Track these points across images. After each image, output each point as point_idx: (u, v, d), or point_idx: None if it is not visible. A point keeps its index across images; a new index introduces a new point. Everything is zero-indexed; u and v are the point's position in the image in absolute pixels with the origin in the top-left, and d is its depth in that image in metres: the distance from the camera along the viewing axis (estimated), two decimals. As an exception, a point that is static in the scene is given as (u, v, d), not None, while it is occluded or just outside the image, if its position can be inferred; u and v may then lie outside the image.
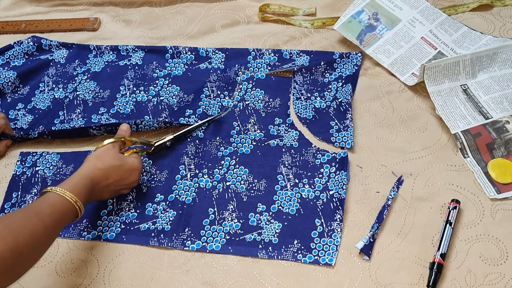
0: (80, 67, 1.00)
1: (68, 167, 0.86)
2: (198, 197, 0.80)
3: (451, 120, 0.83)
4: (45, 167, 0.87)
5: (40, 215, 0.63)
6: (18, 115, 0.94)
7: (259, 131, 0.87)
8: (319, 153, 0.83)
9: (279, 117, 0.89)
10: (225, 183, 0.82)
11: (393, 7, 0.98)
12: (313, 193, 0.79)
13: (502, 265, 0.69)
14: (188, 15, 1.08)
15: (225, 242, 0.75)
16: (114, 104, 0.93)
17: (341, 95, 0.89)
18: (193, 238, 0.76)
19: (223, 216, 0.78)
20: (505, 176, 0.77)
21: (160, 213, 0.79)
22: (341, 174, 0.78)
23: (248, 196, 0.80)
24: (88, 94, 0.95)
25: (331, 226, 0.75)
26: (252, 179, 0.81)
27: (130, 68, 0.98)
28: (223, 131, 0.88)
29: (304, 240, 0.74)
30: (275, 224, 0.76)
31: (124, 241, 0.77)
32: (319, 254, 0.72)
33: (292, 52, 0.97)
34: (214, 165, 0.84)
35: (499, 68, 0.87)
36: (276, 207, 0.78)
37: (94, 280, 0.74)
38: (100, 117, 0.91)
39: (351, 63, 0.94)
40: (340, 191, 0.77)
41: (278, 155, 0.84)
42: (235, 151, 0.85)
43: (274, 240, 0.75)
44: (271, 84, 0.93)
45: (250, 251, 0.74)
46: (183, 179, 0.83)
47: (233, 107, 0.91)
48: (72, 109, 0.94)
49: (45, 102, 0.95)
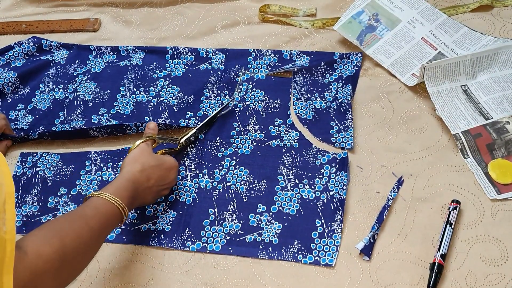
0: (80, 68, 1.00)
1: (69, 167, 0.86)
2: (198, 198, 0.80)
3: (452, 120, 0.83)
4: (46, 168, 0.87)
5: (85, 218, 0.62)
6: (18, 116, 0.94)
7: (259, 131, 0.87)
8: (320, 153, 0.83)
9: (279, 117, 0.89)
10: (225, 183, 0.81)
11: (393, 8, 0.98)
12: (313, 193, 0.79)
13: (503, 266, 0.69)
14: (188, 15, 1.08)
15: (225, 243, 0.75)
16: (114, 105, 0.93)
17: (341, 95, 0.89)
18: (193, 238, 0.76)
19: (223, 216, 0.78)
20: (505, 176, 0.77)
21: (160, 213, 0.79)
22: (341, 175, 0.78)
23: (249, 197, 0.80)
24: (88, 95, 0.95)
25: (332, 226, 0.75)
26: (253, 180, 0.81)
27: (130, 68, 0.98)
28: (223, 132, 0.88)
29: (304, 241, 0.74)
30: (276, 224, 0.76)
31: (124, 241, 0.77)
32: (319, 254, 0.72)
33: (293, 52, 0.97)
34: (214, 166, 0.84)
35: (499, 68, 0.87)
36: (277, 207, 0.78)
37: (94, 280, 0.74)
38: (100, 118, 0.91)
39: (351, 64, 0.94)
40: (341, 191, 0.77)
41: (278, 155, 0.84)
42: (236, 152, 0.85)
43: (274, 240, 0.75)
44: (271, 85, 0.93)
45: (251, 252, 0.74)
46: (183, 179, 0.83)
47: (234, 107, 0.91)
48: (72, 109, 0.94)
49: (45, 102, 0.95)
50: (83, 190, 0.84)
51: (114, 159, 0.86)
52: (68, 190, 0.84)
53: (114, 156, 0.87)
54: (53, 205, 0.82)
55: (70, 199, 0.83)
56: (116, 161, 0.86)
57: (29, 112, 0.94)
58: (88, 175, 0.85)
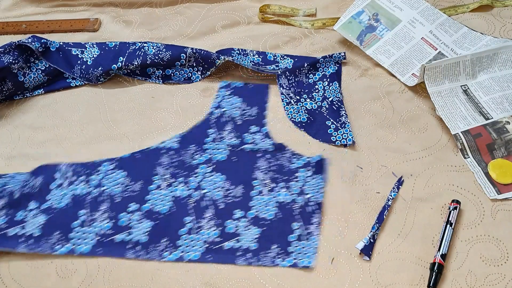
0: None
1: (38, 178, 0.82)
2: (174, 207, 0.79)
3: (452, 120, 0.83)
4: (13, 180, 0.83)
5: None
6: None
7: (234, 138, 0.86)
8: (294, 157, 0.83)
9: (255, 125, 0.88)
10: (201, 191, 0.80)
11: (393, 8, 0.98)
12: (290, 197, 0.78)
13: (503, 266, 0.69)
14: (188, 15, 1.08)
15: (203, 251, 0.74)
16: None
17: (330, 94, 0.89)
18: (171, 248, 0.75)
19: (200, 224, 0.77)
20: (505, 176, 0.77)
21: (135, 223, 0.77)
22: (317, 178, 0.79)
23: (225, 203, 0.79)
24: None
25: (309, 229, 0.75)
26: (229, 186, 0.81)
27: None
28: (197, 139, 0.86)
29: (282, 244, 0.74)
30: (253, 229, 0.76)
31: (99, 254, 0.75)
32: (298, 257, 0.72)
33: (277, 55, 0.97)
34: (189, 174, 0.82)
35: (499, 68, 0.87)
36: (254, 212, 0.78)
37: (94, 280, 0.74)
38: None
39: (333, 62, 0.94)
40: (317, 195, 0.77)
41: (253, 160, 0.83)
42: (210, 158, 0.84)
43: (252, 246, 0.74)
44: (249, 92, 0.93)
45: (229, 259, 0.73)
46: (158, 189, 0.81)
47: (210, 114, 0.90)
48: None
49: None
50: (54, 204, 0.80)
51: (86, 172, 0.84)
52: (38, 203, 0.80)
53: (86, 169, 0.84)
54: (21, 218, 0.79)
55: (40, 211, 0.80)
56: (89, 174, 0.83)
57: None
58: (60, 189, 0.82)
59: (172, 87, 0.96)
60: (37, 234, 0.77)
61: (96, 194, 0.81)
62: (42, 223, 0.78)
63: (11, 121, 0.94)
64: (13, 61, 0.94)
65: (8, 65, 0.94)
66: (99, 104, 0.95)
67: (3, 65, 0.93)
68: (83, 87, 0.98)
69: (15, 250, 0.76)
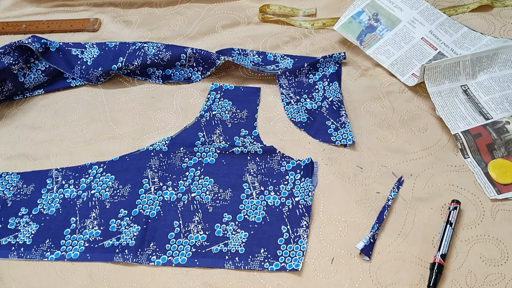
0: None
1: (29, 187, 0.84)
2: (162, 211, 0.79)
3: (452, 120, 0.83)
4: (5, 188, 0.84)
5: None
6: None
7: (224, 142, 0.86)
8: (284, 160, 0.82)
9: (245, 128, 0.88)
10: (190, 194, 0.80)
11: (393, 8, 0.98)
12: (278, 200, 0.78)
13: (503, 266, 0.69)
14: (188, 15, 1.08)
15: (191, 255, 0.74)
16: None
17: (330, 94, 0.89)
18: (158, 252, 0.75)
19: (188, 228, 0.77)
20: (505, 176, 0.77)
21: (124, 228, 0.77)
22: (306, 181, 0.79)
23: (214, 207, 0.78)
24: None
25: (297, 232, 0.74)
26: (218, 189, 0.80)
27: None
28: (187, 142, 0.86)
29: (270, 248, 0.74)
30: (242, 233, 0.76)
31: (89, 259, 0.75)
32: (285, 260, 0.72)
33: (277, 55, 0.97)
34: (178, 177, 0.82)
35: (499, 68, 0.87)
36: (242, 216, 0.77)
37: (94, 280, 0.74)
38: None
39: (333, 62, 0.94)
40: (306, 198, 0.77)
41: (243, 163, 0.83)
42: (200, 162, 0.83)
43: (240, 250, 0.74)
44: (239, 95, 0.93)
45: (216, 263, 0.73)
46: (146, 193, 0.81)
47: (199, 117, 0.90)
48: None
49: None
50: (45, 209, 0.81)
51: (76, 175, 0.84)
52: (29, 210, 0.81)
53: (75, 173, 0.84)
54: (14, 226, 0.79)
55: (32, 219, 0.80)
56: (78, 178, 0.84)
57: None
58: (49, 193, 0.83)
59: (172, 87, 0.96)
60: (28, 243, 0.77)
61: (85, 199, 0.81)
62: (34, 232, 0.78)
63: (11, 121, 0.94)
64: (13, 62, 0.94)
65: (9, 66, 0.94)
66: (99, 104, 0.95)
67: (4, 66, 0.93)
68: (83, 87, 0.98)
69: (7, 258, 0.76)
